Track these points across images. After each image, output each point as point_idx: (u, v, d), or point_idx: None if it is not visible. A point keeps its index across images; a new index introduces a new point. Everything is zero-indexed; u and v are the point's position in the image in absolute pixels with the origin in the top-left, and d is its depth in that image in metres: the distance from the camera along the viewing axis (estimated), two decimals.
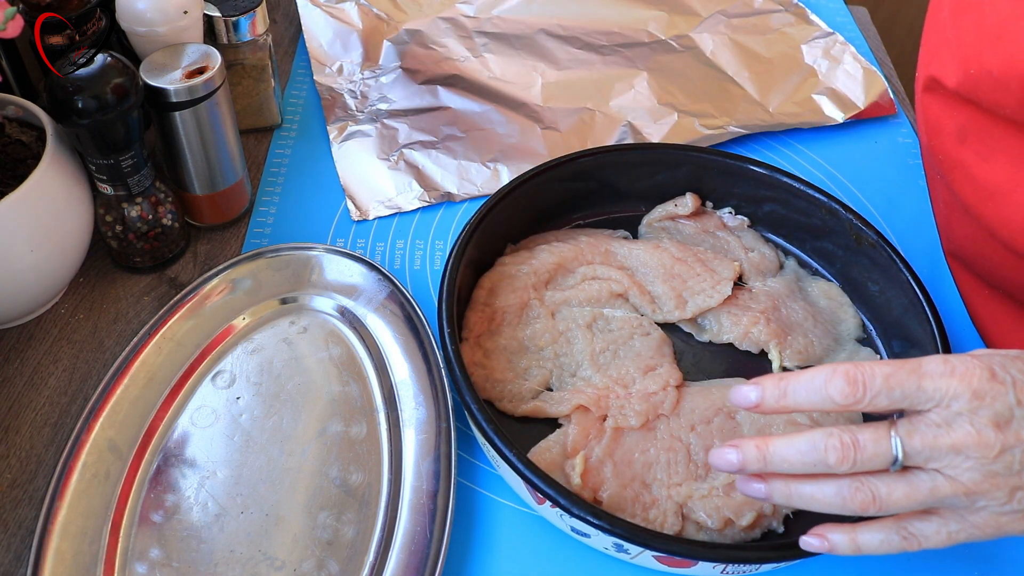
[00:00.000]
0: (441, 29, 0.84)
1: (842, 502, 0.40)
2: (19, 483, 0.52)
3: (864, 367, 0.40)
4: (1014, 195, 0.51)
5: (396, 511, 0.49)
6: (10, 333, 0.59)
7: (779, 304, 0.60)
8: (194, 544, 0.48)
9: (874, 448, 0.39)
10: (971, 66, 0.50)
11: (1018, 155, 0.50)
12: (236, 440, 0.52)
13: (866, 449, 0.39)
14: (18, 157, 0.56)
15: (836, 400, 0.40)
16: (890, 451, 0.39)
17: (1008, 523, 0.39)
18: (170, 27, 0.59)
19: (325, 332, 0.58)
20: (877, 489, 0.40)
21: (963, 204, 0.55)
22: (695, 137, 0.74)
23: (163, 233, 0.61)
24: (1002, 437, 0.38)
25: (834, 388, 0.40)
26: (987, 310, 0.61)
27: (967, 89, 0.51)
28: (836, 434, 0.40)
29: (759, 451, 0.41)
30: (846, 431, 0.40)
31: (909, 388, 0.39)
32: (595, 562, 0.50)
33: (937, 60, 0.55)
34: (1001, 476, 0.38)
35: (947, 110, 0.54)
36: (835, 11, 0.92)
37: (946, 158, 0.55)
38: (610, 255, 0.62)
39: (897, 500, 0.39)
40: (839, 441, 0.40)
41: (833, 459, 0.39)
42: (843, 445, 0.39)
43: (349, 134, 0.74)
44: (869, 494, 0.40)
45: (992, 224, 0.53)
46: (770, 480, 0.42)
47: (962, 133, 0.53)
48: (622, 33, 0.85)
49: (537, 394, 0.55)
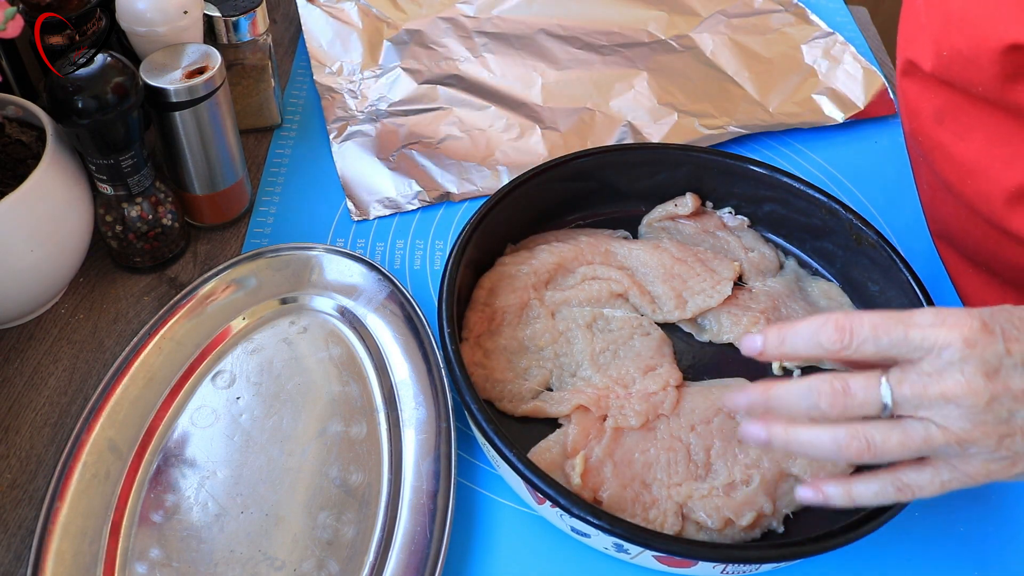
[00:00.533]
0: (441, 29, 0.84)
1: (837, 448, 0.41)
2: (19, 483, 0.52)
3: (854, 315, 0.40)
4: (991, 171, 0.52)
5: (396, 511, 0.49)
6: (10, 333, 0.59)
7: (779, 304, 0.60)
8: (194, 544, 0.48)
9: (864, 394, 0.40)
10: (943, 48, 0.52)
11: (993, 132, 0.51)
12: (236, 440, 0.52)
13: (856, 395, 0.40)
14: (18, 157, 0.56)
15: (825, 346, 0.41)
16: (879, 397, 0.40)
17: (997, 470, 0.40)
18: (170, 27, 0.59)
19: (325, 332, 0.58)
20: (872, 437, 0.40)
21: (945, 183, 0.56)
22: (695, 137, 0.74)
23: (163, 233, 0.61)
24: (991, 386, 0.38)
25: (824, 335, 0.41)
26: (973, 288, 0.62)
27: (941, 71, 0.52)
28: (828, 380, 0.41)
29: (763, 391, 0.43)
30: (838, 378, 0.41)
31: (896, 336, 0.39)
32: (595, 562, 0.50)
33: (913, 44, 0.56)
34: (990, 424, 0.39)
35: (924, 92, 0.55)
36: (835, 11, 0.92)
37: (926, 139, 0.56)
38: (610, 255, 0.62)
39: (891, 448, 0.40)
40: (830, 386, 0.40)
41: (825, 403, 0.40)
42: (834, 390, 0.40)
43: (349, 134, 0.74)
44: (864, 441, 0.40)
45: (973, 201, 0.54)
46: (770, 424, 0.43)
47: (939, 114, 0.54)
48: (622, 33, 0.85)
49: (537, 394, 0.55)
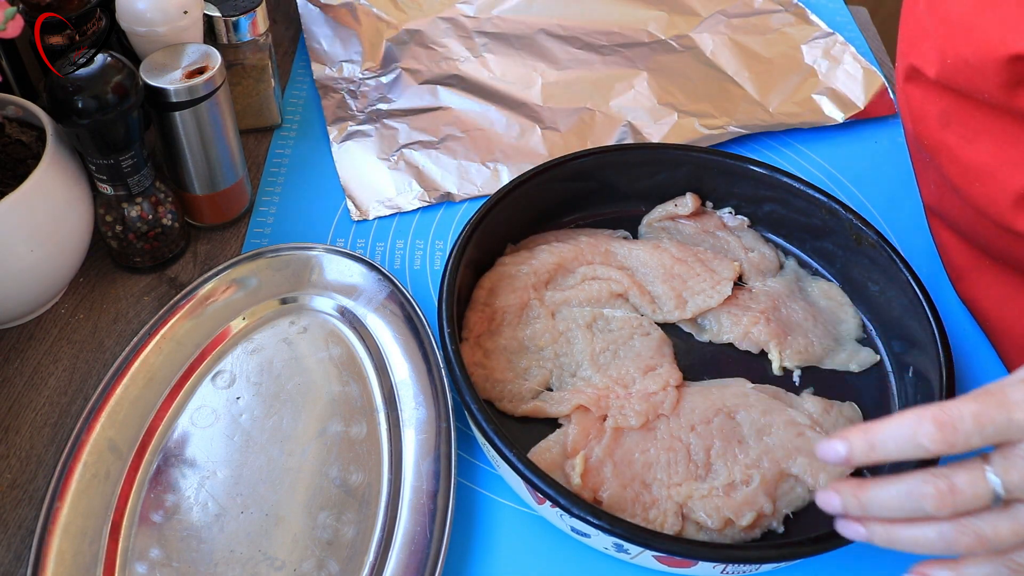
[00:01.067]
0: (441, 29, 0.84)
1: (946, 546, 0.39)
2: (19, 483, 0.52)
3: (949, 408, 0.38)
4: (998, 174, 0.52)
5: (396, 511, 0.49)
6: (10, 333, 0.59)
7: (779, 304, 0.60)
8: (194, 544, 0.48)
9: (972, 490, 0.38)
10: (947, 56, 0.51)
11: (999, 136, 0.51)
12: (236, 440, 0.52)
13: (964, 492, 0.38)
14: (18, 157, 0.56)
15: (928, 447, 0.38)
16: (989, 490, 0.38)
17: None
18: (170, 27, 0.59)
19: (325, 332, 0.58)
20: (982, 530, 0.38)
21: (952, 185, 0.56)
22: (695, 137, 0.74)
23: (163, 233, 0.61)
24: None
25: (924, 435, 0.38)
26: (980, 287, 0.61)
27: (946, 77, 0.52)
28: (931, 480, 0.38)
29: (857, 498, 0.41)
30: (940, 476, 0.38)
31: (1000, 423, 0.38)
32: (595, 562, 0.50)
33: (916, 50, 0.55)
34: None
35: (929, 97, 0.55)
36: (835, 11, 0.92)
37: (931, 142, 0.56)
38: (610, 255, 0.62)
39: (1004, 537, 0.38)
40: (935, 488, 0.38)
41: (931, 506, 0.38)
42: (939, 492, 0.38)
43: (349, 134, 0.74)
44: (974, 536, 0.38)
45: (980, 203, 0.53)
46: (869, 524, 0.41)
47: (944, 118, 0.54)
48: (622, 33, 0.85)
49: (537, 394, 0.55)
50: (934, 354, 0.53)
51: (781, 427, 0.53)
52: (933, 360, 0.53)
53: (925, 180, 0.63)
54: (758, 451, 0.52)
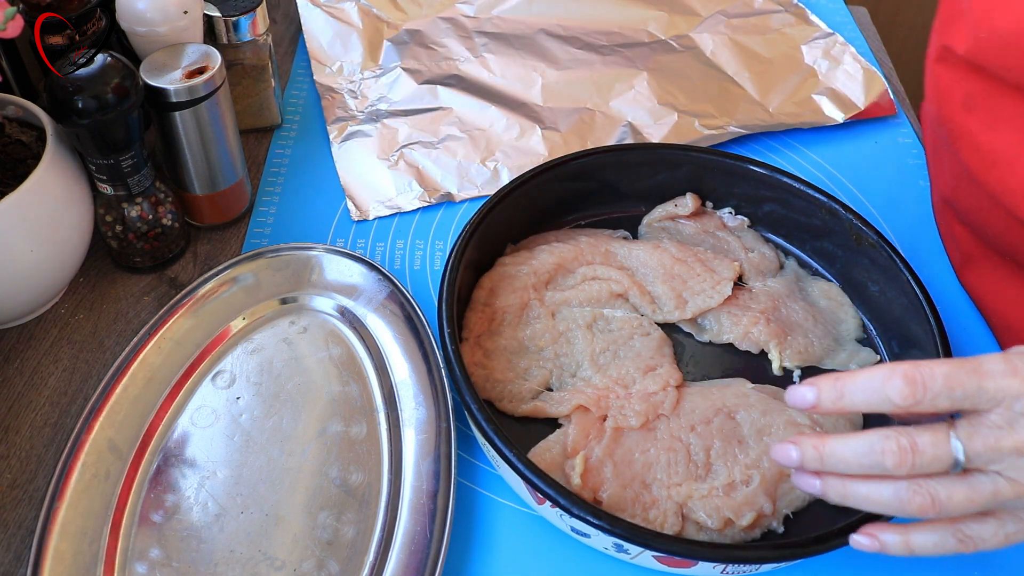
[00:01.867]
0: (441, 29, 0.84)
1: (899, 504, 0.39)
2: (19, 483, 0.52)
3: (923, 367, 0.38)
4: (1016, 162, 0.51)
5: (396, 511, 0.49)
6: (10, 333, 0.59)
7: (779, 304, 0.60)
8: (194, 544, 0.48)
9: (934, 451, 0.38)
10: (981, 30, 0.51)
11: (1022, 123, 0.51)
12: (236, 440, 0.52)
13: (925, 453, 0.38)
14: (18, 157, 0.56)
15: (894, 401, 0.38)
16: (951, 455, 0.38)
17: None
18: (170, 27, 0.59)
19: (325, 332, 0.58)
20: (936, 492, 0.38)
21: (969, 173, 0.55)
22: (695, 137, 0.74)
23: (163, 233, 0.61)
24: None
25: (892, 388, 0.38)
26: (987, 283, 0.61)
27: (975, 54, 0.52)
28: (893, 437, 0.38)
29: (816, 450, 0.41)
30: (904, 434, 0.38)
31: (970, 388, 0.38)
32: (595, 562, 0.50)
33: (950, 29, 0.55)
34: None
35: (956, 77, 0.55)
36: (835, 11, 0.92)
37: (953, 127, 0.56)
38: (610, 255, 0.62)
39: (957, 503, 0.38)
40: (896, 444, 0.38)
41: (891, 463, 0.38)
42: (901, 449, 0.38)
43: (349, 134, 0.74)
44: (928, 497, 0.38)
45: (996, 192, 0.53)
46: (825, 478, 0.41)
47: (969, 101, 0.54)
48: (622, 33, 0.85)
49: (537, 394, 0.55)
50: (934, 354, 0.53)
51: (781, 427, 0.53)
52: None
53: (940, 169, 0.63)
54: (758, 451, 0.52)
